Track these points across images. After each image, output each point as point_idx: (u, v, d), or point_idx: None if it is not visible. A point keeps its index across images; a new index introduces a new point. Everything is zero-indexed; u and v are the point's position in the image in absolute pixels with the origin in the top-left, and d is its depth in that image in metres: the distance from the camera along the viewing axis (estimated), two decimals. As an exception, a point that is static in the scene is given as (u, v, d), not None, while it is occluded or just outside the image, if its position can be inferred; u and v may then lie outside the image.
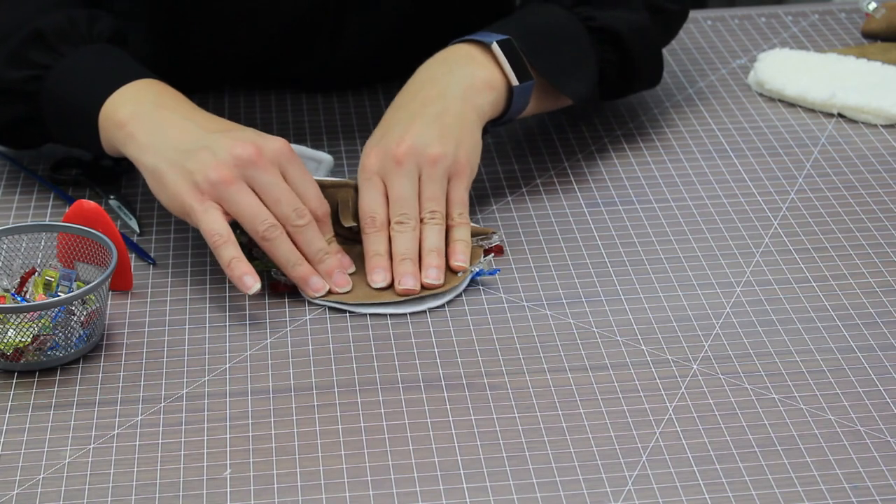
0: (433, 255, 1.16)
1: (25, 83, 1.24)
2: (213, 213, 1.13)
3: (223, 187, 1.13)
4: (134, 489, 0.98)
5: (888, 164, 1.35)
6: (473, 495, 0.96)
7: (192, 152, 1.14)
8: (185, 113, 1.19)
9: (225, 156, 1.13)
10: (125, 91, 1.21)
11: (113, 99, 1.20)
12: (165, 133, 1.17)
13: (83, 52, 1.24)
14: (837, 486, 0.97)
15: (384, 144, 1.20)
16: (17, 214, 1.28)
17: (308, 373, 1.08)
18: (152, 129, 1.17)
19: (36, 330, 1.07)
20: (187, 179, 1.14)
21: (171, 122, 1.17)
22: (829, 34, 1.60)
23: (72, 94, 1.22)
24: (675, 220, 1.26)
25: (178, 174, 1.14)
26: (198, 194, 1.13)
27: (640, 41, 1.33)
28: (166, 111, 1.19)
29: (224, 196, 1.13)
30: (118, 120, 1.19)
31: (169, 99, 1.20)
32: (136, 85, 1.21)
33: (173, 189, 1.14)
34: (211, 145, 1.14)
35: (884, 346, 1.10)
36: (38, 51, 1.23)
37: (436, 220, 1.17)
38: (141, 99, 1.20)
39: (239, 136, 1.15)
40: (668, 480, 0.97)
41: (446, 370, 1.08)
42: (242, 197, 1.13)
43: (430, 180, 1.18)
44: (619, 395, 1.05)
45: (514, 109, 1.26)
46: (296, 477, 0.98)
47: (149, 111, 1.18)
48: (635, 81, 1.38)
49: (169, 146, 1.16)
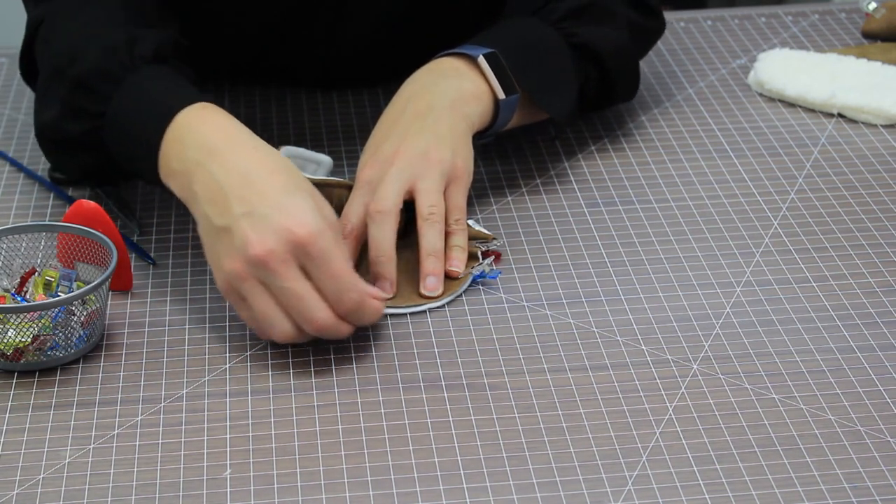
0: (432, 259, 1.16)
1: (86, 135, 1.19)
2: (242, 307, 1.08)
3: (238, 282, 1.06)
4: (134, 489, 0.98)
5: (888, 164, 1.35)
6: (473, 495, 0.96)
7: (219, 233, 1.07)
8: (226, 161, 1.09)
9: (240, 248, 1.05)
10: (172, 132, 1.12)
11: (164, 146, 1.12)
12: (201, 201, 1.09)
13: (125, 90, 1.16)
14: (837, 486, 0.97)
15: (379, 156, 1.20)
16: (17, 214, 1.28)
17: (308, 373, 1.08)
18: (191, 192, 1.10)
19: (36, 330, 1.07)
20: (215, 262, 1.08)
21: (207, 184, 1.09)
22: (829, 34, 1.60)
23: (125, 144, 1.17)
24: (675, 220, 1.26)
25: (210, 252, 1.09)
26: (223, 282, 1.08)
27: (620, 58, 1.35)
28: (207, 162, 1.09)
29: (240, 290, 1.07)
30: (171, 172, 1.13)
31: (211, 136, 1.11)
32: (181, 120, 1.13)
33: (210, 266, 1.10)
34: (233, 228, 1.06)
35: (884, 346, 1.10)
36: (87, 99, 1.18)
37: (435, 217, 1.17)
38: (186, 142, 1.11)
39: (257, 223, 1.05)
40: (668, 480, 0.97)
41: (446, 370, 1.08)
42: (254, 298, 1.06)
43: (429, 181, 1.18)
44: (619, 395, 1.05)
45: (500, 122, 1.27)
46: (296, 477, 0.98)
47: (189, 166, 1.10)
48: (613, 96, 1.39)
49: (205, 216, 1.09)
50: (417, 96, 1.24)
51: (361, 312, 1.07)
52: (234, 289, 1.07)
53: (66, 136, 1.20)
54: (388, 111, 1.25)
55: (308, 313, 1.05)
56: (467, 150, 1.22)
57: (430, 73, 1.27)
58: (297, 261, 1.05)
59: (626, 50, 1.36)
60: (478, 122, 1.25)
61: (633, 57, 1.37)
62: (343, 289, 1.06)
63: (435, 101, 1.23)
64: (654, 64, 1.54)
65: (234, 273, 1.06)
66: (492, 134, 1.29)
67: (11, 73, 1.53)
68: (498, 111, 1.26)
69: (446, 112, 1.22)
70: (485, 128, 1.27)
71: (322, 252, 1.05)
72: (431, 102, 1.23)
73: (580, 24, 1.32)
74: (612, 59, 1.34)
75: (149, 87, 1.17)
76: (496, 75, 1.25)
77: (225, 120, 1.13)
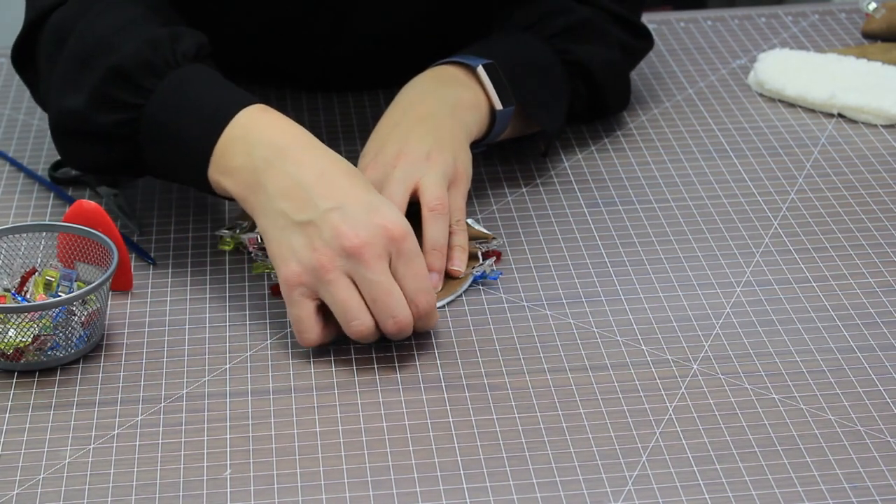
0: (436, 255, 1.16)
1: (118, 127, 1.16)
2: (302, 305, 1.07)
3: (321, 274, 1.05)
4: (134, 489, 0.98)
5: (888, 164, 1.35)
6: (473, 495, 0.96)
7: (299, 226, 1.07)
8: (300, 160, 1.09)
9: (329, 240, 1.05)
10: (233, 130, 1.11)
11: (222, 143, 1.11)
12: (274, 196, 1.08)
13: (168, 84, 1.15)
14: (837, 486, 0.97)
15: (381, 158, 1.20)
16: (17, 214, 1.28)
17: (308, 373, 1.08)
18: (260, 187, 1.09)
19: (36, 330, 1.07)
20: (288, 255, 1.07)
21: (282, 180, 1.08)
22: (829, 34, 1.60)
23: (170, 138, 1.14)
24: (675, 220, 1.26)
25: (282, 246, 1.07)
26: (294, 275, 1.07)
27: (612, 76, 1.37)
28: (278, 160, 1.09)
29: (320, 282, 1.06)
30: (228, 169, 1.11)
31: (279, 136, 1.11)
32: (242, 120, 1.12)
33: (276, 260, 1.08)
34: (318, 222, 1.06)
35: (884, 346, 1.10)
36: (125, 90, 1.15)
37: (441, 208, 1.17)
38: (251, 140, 1.10)
39: (349, 217, 1.06)
40: (668, 480, 0.97)
41: (446, 370, 1.08)
42: (338, 290, 1.05)
43: (433, 177, 1.18)
44: (619, 395, 1.05)
45: (495, 132, 1.28)
46: (296, 477, 0.98)
47: (258, 162, 1.09)
48: (602, 112, 1.41)
49: (278, 212, 1.08)
50: (418, 101, 1.25)
51: (429, 318, 1.09)
52: (305, 283, 1.06)
53: (92, 125, 1.17)
54: (389, 115, 1.25)
55: (393, 309, 1.06)
56: (466, 155, 1.22)
57: (429, 79, 1.28)
58: (388, 257, 1.06)
59: (618, 68, 1.38)
60: (475, 130, 1.25)
61: (624, 75, 1.39)
62: (422, 289, 1.07)
63: (435, 107, 1.24)
64: (655, 64, 1.54)
65: (317, 264, 1.05)
66: (485, 144, 1.29)
67: (11, 73, 1.53)
68: (494, 121, 1.27)
69: (447, 118, 1.23)
70: (479, 137, 1.27)
71: (411, 251, 1.07)
72: (432, 108, 1.24)
73: (573, 41, 1.34)
74: (604, 77, 1.36)
75: (198, 85, 1.15)
76: (494, 86, 1.26)
77: (289, 122, 1.13)
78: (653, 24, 1.62)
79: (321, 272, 1.05)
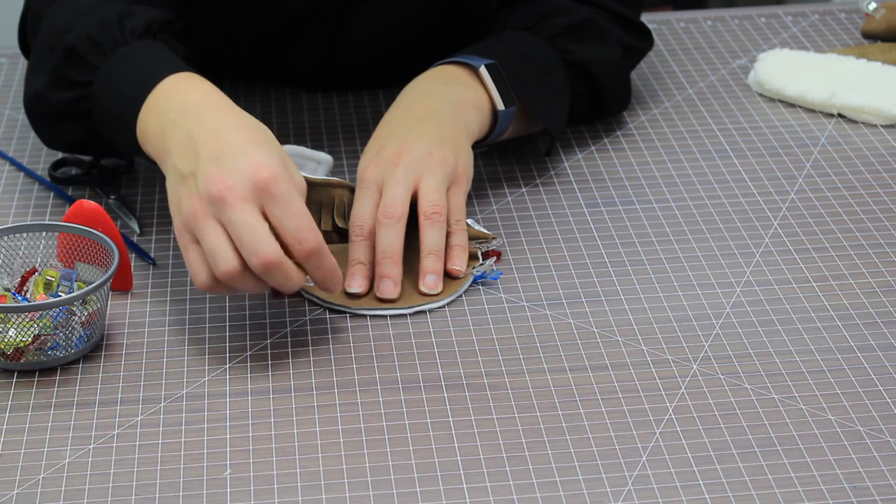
0: (432, 258, 1.16)
1: (76, 103, 1.20)
2: (189, 250, 1.08)
3: (194, 221, 1.06)
4: (134, 489, 0.98)
5: (888, 164, 1.35)
6: (473, 495, 0.96)
7: (184, 178, 1.08)
8: (200, 118, 1.11)
9: (200, 187, 1.06)
10: (154, 96, 1.14)
11: (144, 110, 1.14)
12: (172, 153, 1.10)
13: (113, 60, 1.18)
14: (837, 486, 0.97)
15: (383, 156, 1.20)
16: (17, 214, 1.28)
17: (308, 373, 1.08)
18: (165, 148, 1.11)
19: (37, 330, 1.07)
20: (175, 206, 1.09)
21: (179, 137, 1.10)
22: (829, 34, 1.60)
23: (109, 110, 1.18)
24: (675, 220, 1.26)
25: (171, 199, 1.09)
26: (179, 225, 1.08)
27: (612, 76, 1.37)
28: (181, 120, 1.11)
29: (194, 229, 1.07)
30: (145, 134, 1.13)
31: (192, 98, 1.13)
32: (165, 86, 1.15)
33: (172, 212, 1.10)
34: (197, 172, 1.07)
35: (884, 346, 1.10)
36: (76, 68, 1.20)
37: (437, 216, 1.17)
38: (168, 105, 1.13)
39: (221, 165, 1.06)
40: (668, 480, 0.97)
41: (446, 370, 1.08)
42: (205, 234, 1.06)
43: (433, 180, 1.18)
44: (619, 395, 1.05)
45: (496, 132, 1.28)
46: (296, 477, 0.98)
47: (166, 124, 1.12)
48: (604, 111, 1.41)
49: (172, 167, 1.10)
50: (420, 100, 1.25)
51: (320, 257, 1.06)
52: (187, 230, 1.07)
53: (52, 105, 1.22)
54: (391, 113, 1.25)
55: (256, 246, 1.04)
56: (467, 154, 1.22)
57: (431, 79, 1.28)
58: (256, 201, 1.05)
59: (619, 68, 1.38)
60: (476, 130, 1.26)
61: (624, 74, 1.39)
62: (304, 226, 1.05)
63: (437, 106, 1.24)
64: (654, 64, 1.54)
65: (190, 212, 1.06)
66: (486, 144, 1.30)
67: (11, 73, 1.53)
68: (496, 122, 1.27)
69: (448, 118, 1.23)
70: (481, 137, 1.27)
71: (284, 193, 1.05)
72: (434, 107, 1.24)
73: (575, 41, 1.34)
74: (605, 76, 1.36)
75: (136, 58, 1.19)
76: (496, 86, 1.26)
77: (207, 86, 1.14)
78: (653, 24, 1.62)
79: (194, 220, 1.06)
